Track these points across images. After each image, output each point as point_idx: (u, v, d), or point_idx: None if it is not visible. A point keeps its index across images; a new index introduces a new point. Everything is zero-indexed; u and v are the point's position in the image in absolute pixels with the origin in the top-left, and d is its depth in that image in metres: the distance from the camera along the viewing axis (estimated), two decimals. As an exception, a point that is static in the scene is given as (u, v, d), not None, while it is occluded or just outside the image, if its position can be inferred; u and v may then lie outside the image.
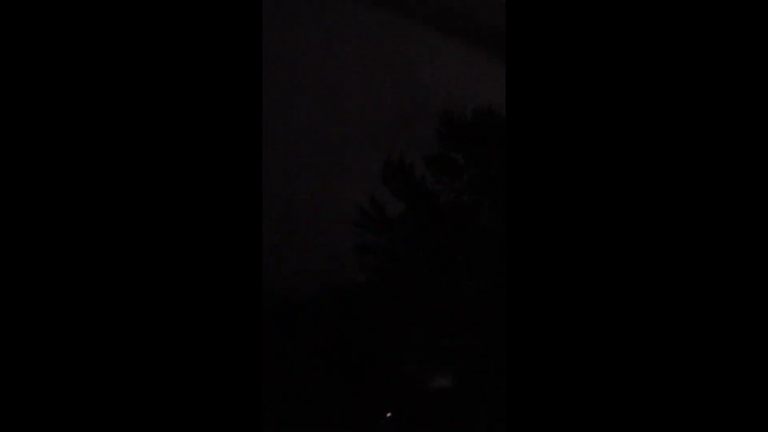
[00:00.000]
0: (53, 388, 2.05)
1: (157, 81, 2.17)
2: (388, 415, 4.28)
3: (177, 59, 2.14)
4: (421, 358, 4.87)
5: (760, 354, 1.84)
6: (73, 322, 2.08)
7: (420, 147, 4.32)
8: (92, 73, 2.12)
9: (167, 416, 2.04)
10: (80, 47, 2.09)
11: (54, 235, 2.10)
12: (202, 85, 2.17)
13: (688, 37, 1.96)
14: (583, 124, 2.02)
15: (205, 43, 2.15)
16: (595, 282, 1.97)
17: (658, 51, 1.98)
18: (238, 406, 2.10)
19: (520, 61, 2.04)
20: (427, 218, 4.32)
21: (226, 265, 2.13)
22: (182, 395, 2.06)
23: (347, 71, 5.71)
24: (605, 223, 1.98)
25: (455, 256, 4.42)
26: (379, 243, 4.35)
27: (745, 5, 1.92)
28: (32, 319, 2.04)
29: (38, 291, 2.07)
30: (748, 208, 1.89)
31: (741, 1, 1.93)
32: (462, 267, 4.37)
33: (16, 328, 2.02)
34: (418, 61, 6.11)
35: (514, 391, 1.99)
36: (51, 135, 2.13)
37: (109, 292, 2.13)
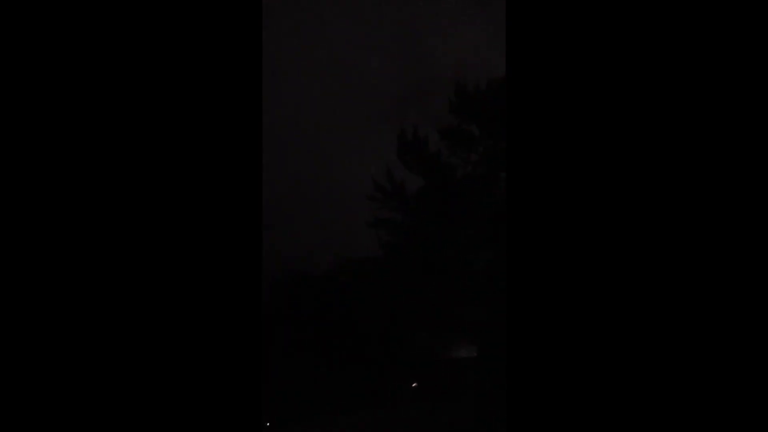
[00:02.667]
0: (53, 387, 2.07)
1: (161, 62, 2.15)
2: (414, 385, 4.35)
3: (178, 44, 2.14)
4: (435, 330, 4.92)
5: (760, 354, 1.86)
6: (73, 322, 2.10)
7: (433, 120, 4.29)
8: (92, 73, 2.10)
9: (168, 407, 2.07)
10: (80, 47, 2.08)
11: (53, 235, 2.11)
12: (204, 69, 2.16)
13: (687, 35, 1.94)
14: (583, 116, 2.01)
15: (207, 25, 2.14)
16: (593, 278, 1.98)
17: (658, 42, 1.96)
18: (239, 401, 2.13)
19: (520, 58, 2.04)
20: (443, 192, 4.30)
21: (227, 258, 2.14)
22: (184, 389, 2.10)
23: (356, 45, 5.71)
24: (605, 216, 1.98)
25: (471, 229, 4.42)
26: (394, 217, 4.35)
27: (745, 5, 1.90)
28: (32, 319, 2.06)
29: (38, 290, 2.09)
30: (748, 207, 1.89)
31: (741, 1, 1.92)
32: (478, 239, 4.38)
33: (16, 328, 2.05)
34: (428, 32, 6.07)
35: (514, 391, 2.03)
36: (50, 134, 2.14)
37: (109, 287, 2.14)
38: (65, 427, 2.09)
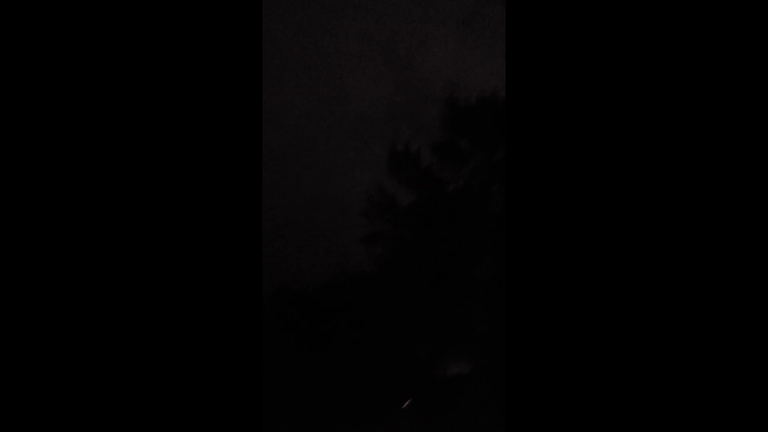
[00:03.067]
0: (53, 387, 2.04)
1: (161, 72, 2.13)
2: (408, 402, 4.30)
3: (179, 52, 2.12)
4: (433, 345, 4.88)
5: (760, 354, 1.85)
6: (72, 322, 2.07)
7: (425, 134, 4.31)
8: (91, 72, 2.08)
9: (168, 410, 2.04)
10: (80, 46, 2.06)
11: (52, 236, 2.08)
12: (202, 79, 2.15)
13: (687, 34, 1.95)
14: (582, 118, 2.00)
15: (206, 40, 2.13)
16: (594, 278, 1.96)
17: (660, 49, 1.97)
18: (239, 404, 2.10)
19: (520, 54, 2.03)
20: (436, 206, 4.30)
21: (226, 261, 2.12)
22: (183, 391, 2.06)
23: (347, 61, 5.68)
24: (605, 218, 1.98)
25: (464, 243, 4.41)
26: (387, 232, 4.34)
27: (745, 5, 1.91)
28: (31, 318, 2.03)
29: (36, 290, 2.05)
30: (749, 207, 1.88)
31: (741, 1, 1.92)
32: (471, 254, 4.37)
33: (15, 327, 2.02)
34: (419, 49, 6.07)
35: (514, 392, 2.00)
36: (49, 134, 2.11)
37: (108, 291, 2.11)
38: (65, 427, 2.07)
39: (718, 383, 1.88)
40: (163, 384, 2.10)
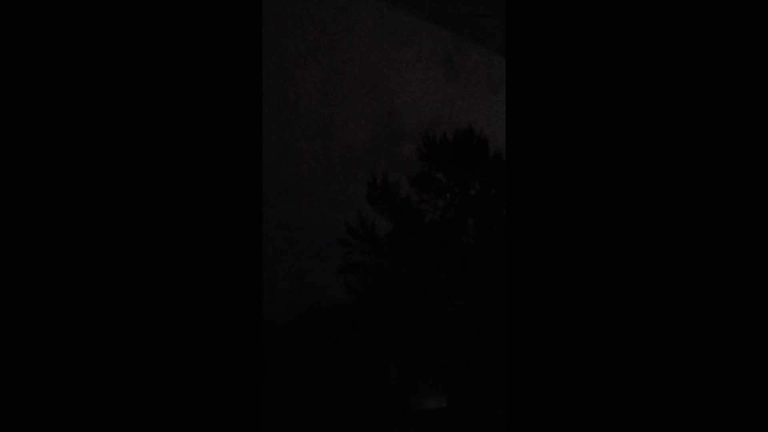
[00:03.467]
0: (51, 388, 2.00)
1: (155, 79, 2.12)
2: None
3: (174, 64, 2.13)
4: (408, 378, 4.84)
5: (761, 354, 1.86)
6: (71, 322, 2.04)
7: (403, 166, 4.40)
8: (90, 72, 2.08)
9: (164, 422, 2.00)
10: (79, 46, 2.07)
11: (51, 236, 2.06)
12: (198, 103, 2.16)
13: (687, 35, 1.98)
14: (584, 123, 2.00)
15: (205, 46, 2.15)
16: (596, 285, 1.97)
17: (665, 59, 1.99)
18: (238, 414, 2.07)
19: (520, 64, 2.04)
20: (413, 237, 4.38)
21: (226, 260, 2.10)
22: (180, 402, 2.03)
23: (328, 95, 5.80)
24: (607, 230, 1.99)
25: (441, 275, 4.47)
26: (364, 262, 4.38)
27: (746, 5, 1.93)
28: (29, 319, 1.99)
29: (34, 290, 2.02)
30: (749, 207, 1.89)
31: (741, 1, 1.95)
32: (448, 286, 4.42)
33: (13, 327, 1.99)
34: (397, 85, 6.24)
35: (514, 392, 1.97)
36: (47, 134, 2.10)
37: (107, 292, 2.08)
38: (64, 427, 2.01)
39: (719, 383, 1.87)
40: (162, 386, 2.05)
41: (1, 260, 2.01)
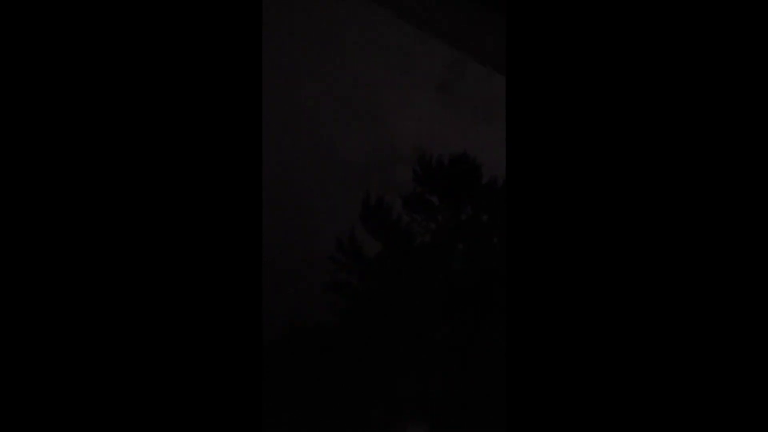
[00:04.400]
0: (50, 387, 1.96)
1: (152, 81, 2.11)
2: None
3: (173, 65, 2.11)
4: (387, 403, 4.72)
5: (761, 354, 1.83)
6: (71, 322, 2.00)
7: (397, 187, 4.36)
8: (90, 71, 2.08)
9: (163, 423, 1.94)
10: (78, 45, 2.06)
11: (49, 235, 2.04)
12: (195, 111, 2.15)
13: (688, 35, 1.95)
14: (585, 127, 2.00)
15: (205, 35, 2.13)
16: (596, 293, 1.94)
17: (670, 68, 1.96)
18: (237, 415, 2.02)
19: (521, 70, 1.99)
20: (402, 258, 4.33)
21: (225, 261, 2.07)
22: (176, 408, 1.98)
23: (325, 116, 5.81)
24: (609, 242, 1.97)
25: (428, 299, 4.40)
26: (351, 281, 4.31)
27: (746, 5, 1.91)
28: (28, 318, 1.96)
29: (33, 289, 1.99)
30: (750, 207, 1.87)
31: (741, 1, 1.93)
32: (435, 310, 4.35)
33: (12, 327, 1.95)
34: (394, 108, 6.27)
35: (514, 393, 1.92)
36: (45, 133, 2.08)
37: (106, 292, 2.06)
38: (64, 427, 1.95)
39: (719, 383, 1.83)
40: (160, 387, 2.01)
41: (2, 260, 1.99)
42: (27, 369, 1.97)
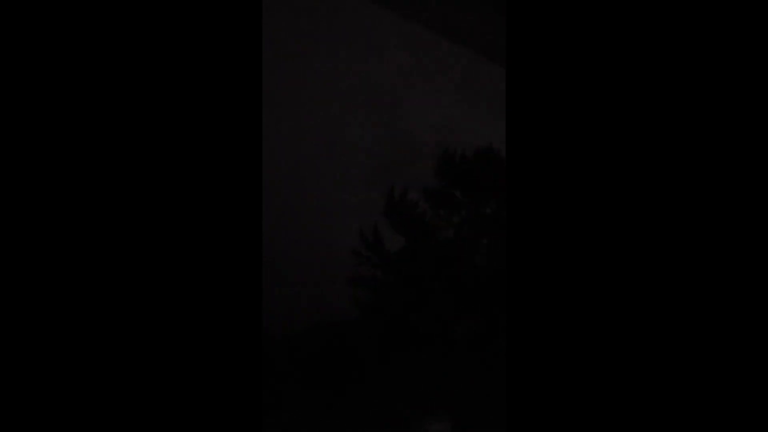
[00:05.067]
0: (50, 387, 2.09)
1: (152, 80, 2.27)
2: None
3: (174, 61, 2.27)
4: (409, 400, 4.72)
5: (761, 354, 1.94)
6: (70, 322, 2.12)
7: (421, 181, 4.33)
8: (89, 71, 2.21)
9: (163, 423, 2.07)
10: (77, 44, 2.20)
11: (48, 235, 2.19)
12: (196, 108, 2.30)
13: (688, 35, 2.13)
14: (585, 125, 2.15)
15: (206, 31, 2.28)
16: (597, 292, 2.06)
17: (670, 64, 2.16)
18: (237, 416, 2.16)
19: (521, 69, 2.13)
20: (425, 254, 4.27)
21: (224, 260, 2.21)
22: (174, 408, 2.10)
23: (345, 111, 5.87)
24: (610, 239, 2.10)
25: (451, 294, 4.35)
26: (374, 275, 4.27)
27: (746, 5, 2.03)
28: (27, 318, 2.09)
29: (32, 289, 2.12)
30: (750, 207, 2.02)
31: (741, 1, 2.06)
32: (458, 306, 4.30)
33: (11, 327, 2.07)
34: (416, 102, 6.31)
35: (514, 393, 2.09)
36: (44, 133, 2.24)
37: (105, 292, 2.19)
38: (63, 427, 2.12)
39: (719, 383, 1.98)
40: (160, 386, 2.18)
41: (2, 260, 2.13)
42: (25, 366, 2.08)
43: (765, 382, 1.92)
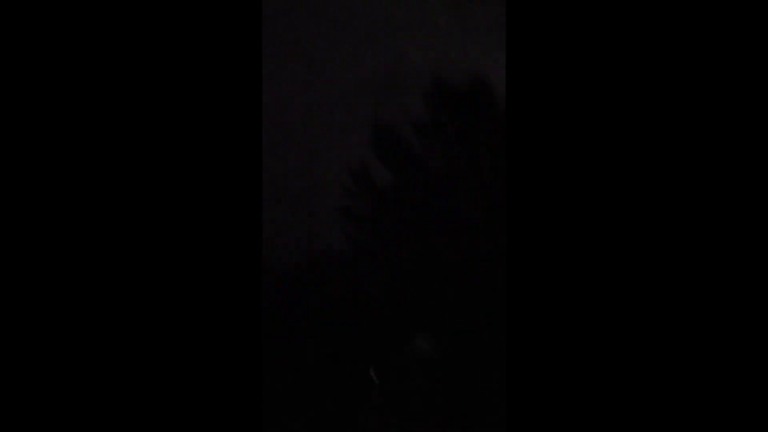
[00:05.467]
0: (49, 387, 2.05)
1: (158, 60, 2.16)
2: (372, 373, 4.25)
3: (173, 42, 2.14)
4: (400, 326, 4.84)
5: (761, 354, 1.86)
6: (69, 321, 2.08)
7: (410, 114, 4.22)
8: (89, 71, 2.12)
9: (165, 413, 2.05)
10: (76, 44, 2.08)
11: (48, 234, 2.10)
12: (198, 66, 2.20)
13: (688, 34, 1.95)
14: (586, 120, 2.00)
15: (206, 27, 2.15)
16: (597, 287, 1.96)
17: (666, 54, 1.95)
18: (237, 405, 2.11)
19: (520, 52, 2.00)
20: (417, 188, 4.26)
21: (224, 259, 2.17)
22: (180, 394, 2.09)
23: (333, 42, 5.60)
24: (608, 227, 1.98)
25: (444, 227, 4.38)
26: (365, 211, 4.28)
27: (746, 5, 1.89)
28: (26, 317, 2.04)
29: (31, 288, 2.06)
30: (750, 207, 1.90)
31: (741, 1, 1.90)
32: (451, 240, 4.34)
33: (11, 326, 1.98)
34: (407, 30, 6.01)
35: (514, 393, 1.97)
36: (46, 133, 2.13)
37: (105, 288, 2.13)
38: (63, 427, 1.99)
39: (719, 383, 1.86)
40: (159, 384, 2.14)
41: (1, 260, 2.05)
42: (25, 366, 2.01)
43: (764, 381, 1.83)
